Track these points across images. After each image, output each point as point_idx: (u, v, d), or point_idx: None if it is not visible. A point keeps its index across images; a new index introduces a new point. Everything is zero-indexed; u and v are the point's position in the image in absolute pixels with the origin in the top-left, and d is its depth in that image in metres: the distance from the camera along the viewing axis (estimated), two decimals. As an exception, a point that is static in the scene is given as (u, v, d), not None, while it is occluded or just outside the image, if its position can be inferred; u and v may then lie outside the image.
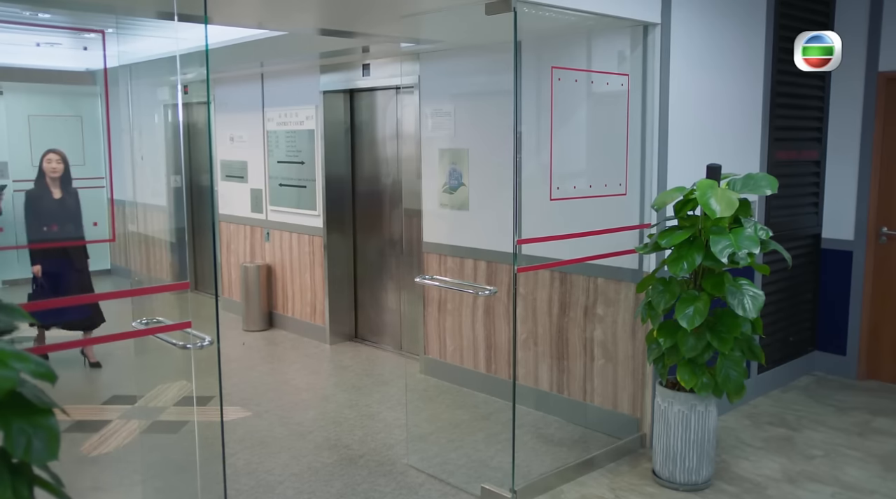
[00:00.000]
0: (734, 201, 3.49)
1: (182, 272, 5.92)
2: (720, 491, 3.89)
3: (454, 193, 5.36)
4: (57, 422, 1.81)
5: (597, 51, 4.43)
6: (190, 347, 2.65)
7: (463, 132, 5.24)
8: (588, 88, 4.23)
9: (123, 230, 5.12)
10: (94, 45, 3.24)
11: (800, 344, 5.64)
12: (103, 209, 4.01)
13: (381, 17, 4.32)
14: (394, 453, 4.37)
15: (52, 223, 4.74)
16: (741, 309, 3.55)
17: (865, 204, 5.43)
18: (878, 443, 4.49)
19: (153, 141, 6.66)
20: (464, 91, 5.27)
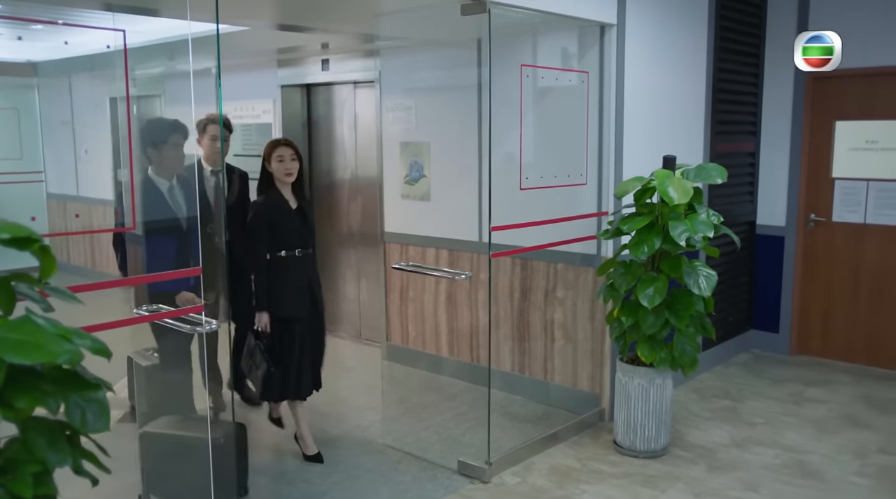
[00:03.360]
0: (689, 190, 3.80)
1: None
2: (676, 457, 4.22)
3: (415, 184, 5.55)
4: (106, 396, 1.95)
5: (559, 49, 4.69)
6: (199, 330, 2.78)
7: (424, 126, 5.43)
8: (552, 84, 4.48)
9: (64, 225, 5.11)
10: (32, 36, 3.32)
11: (738, 323, 6.06)
12: (42, 204, 4.06)
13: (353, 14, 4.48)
14: (369, 433, 4.55)
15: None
16: (697, 288, 3.88)
17: (796, 193, 5.87)
18: (812, 410, 4.92)
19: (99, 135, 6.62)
20: (424, 86, 5.46)
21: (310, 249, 4.08)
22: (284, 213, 3.98)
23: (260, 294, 3.93)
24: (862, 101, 5.59)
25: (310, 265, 4.09)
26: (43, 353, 1.76)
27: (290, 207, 4.01)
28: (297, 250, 3.99)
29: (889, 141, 5.49)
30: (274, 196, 3.99)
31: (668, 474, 4.01)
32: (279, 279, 3.95)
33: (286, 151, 3.97)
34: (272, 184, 4.01)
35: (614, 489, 3.85)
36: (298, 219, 4.02)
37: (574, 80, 4.49)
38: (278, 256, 3.96)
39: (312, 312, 4.07)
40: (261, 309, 3.93)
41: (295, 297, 3.98)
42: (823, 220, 5.82)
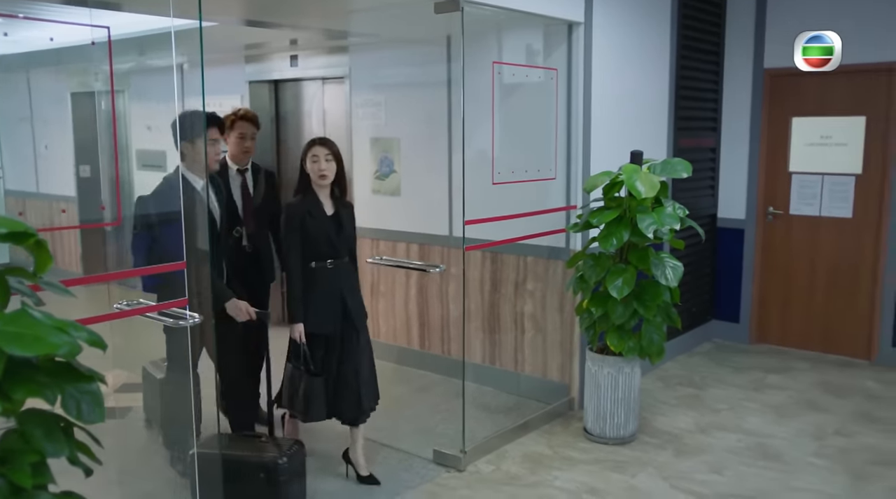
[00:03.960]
0: (656, 184, 3.93)
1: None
2: (645, 443, 4.36)
3: (386, 179, 5.61)
4: (99, 388, 1.99)
5: (529, 47, 4.79)
6: (182, 324, 2.81)
7: (394, 122, 5.49)
8: (522, 81, 4.58)
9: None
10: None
11: (700, 314, 6.24)
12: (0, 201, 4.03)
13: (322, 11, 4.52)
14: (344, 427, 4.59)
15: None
16: (664, 278, 4.01)
17: (755, 186, 6.07)
18: (772, 396, 5.10)
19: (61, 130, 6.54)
20: (394, 82, 5.52)
21: (345, 259, 3.72)
22: (317, 219, 3.60)
23: (292, 304, 3.60)
24: (817, 98, 5.80)
25: (344, 278, 3.71)
26: (42, 345, 1.79)
27: (324, 212, 3.63)
28: (329, 261, 3.63)
29: (842, 137, 5.71)
30: (309, 200, 3.63)
31: (637, 460, 4.14)
32: (307, 292, 3.62)
33: (321, 151, 3.60)
34: (309, 186, 3.65)
35: (586, 475, 3.97)
36: (333, 226, 3.65)
37: (543, 78, 4.59)
38: (309, 267, 3.63)
39: (346, 329, 3.70)
40: (294, 321, 3.60)
41: (323, 312, 3.63)
42: (781, 213, 6.02)
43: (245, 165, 4.27)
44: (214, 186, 3.68)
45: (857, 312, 5.79)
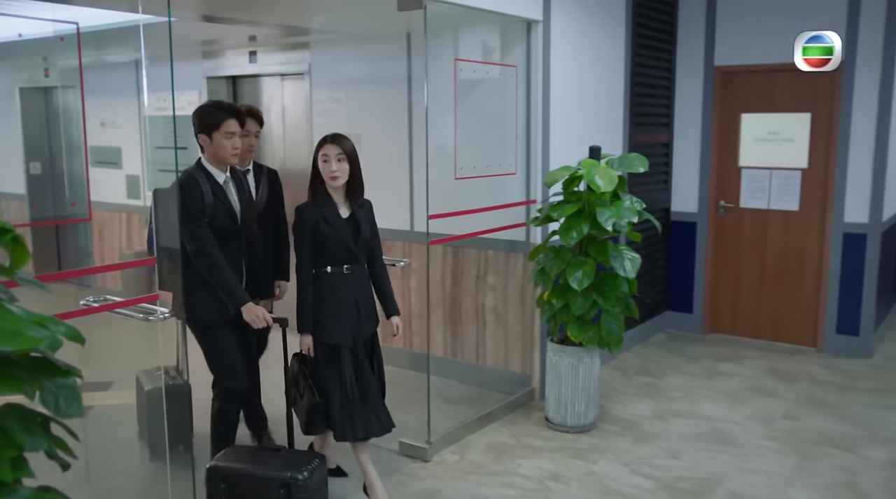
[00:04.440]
0: (614, 178, 4.05)
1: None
2: (605, 430, 4.49)
3: (347, 175, 5.64)
4: (76, 382, 2.00)
5: (489, 44, 4.87)
6: (153, 319, 2.82)
7: (355, 117, 5.52)
8: (483, 78, 4.65)
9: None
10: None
11: (655, 306, 6.41)
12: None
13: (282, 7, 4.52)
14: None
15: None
16: (623, 270, 4.13)
17: (706, 181, 6.25)
18: (724, 383, 5.29)
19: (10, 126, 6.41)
20: (354, 78, 5.55)
21: (360, 264, 3.48)
22: (332, 223, 3.35)
23: (302, 314, 3.38)
24: (764, 95, 6.00)
25: (360, 283, 3.48)
26: (22, 339, 1.80)
27: (338, 215, 3.38)
28: (346, 267, 3.40)
29: (788, 132, 5.92)
30: (322, 202, 3.37)
31: (598, 447, 4.26)
32: (321, 299, 3.39)
33: (332, 150, 3.33)
34: (322, 187, 3.40)
35: (548, 462, 4.07)
36: (349, 230, 3.39)
37: (503, 74, 4.67)
38: (323, 272, 3.39)
39: (360, 340, 3.48)
40: (303, 331, 3.39)
41: (339, 321, 3.41)
42: (732, 206, 6.22)
43: (247, 165, 4.02)
44: (236, 182, 3.55)
45: (804, 302, 6.02)
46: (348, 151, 3.37)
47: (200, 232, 3.32)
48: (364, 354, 3.50)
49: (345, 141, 3.40)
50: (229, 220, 3.43)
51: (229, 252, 3.43)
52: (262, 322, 3.36)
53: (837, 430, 4.48)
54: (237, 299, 3.35)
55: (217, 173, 3.43)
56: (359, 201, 3.47)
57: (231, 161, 3.46)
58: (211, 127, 3.39)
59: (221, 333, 3.49)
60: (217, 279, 3.33)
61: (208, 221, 3.35)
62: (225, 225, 3.42)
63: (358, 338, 3.45)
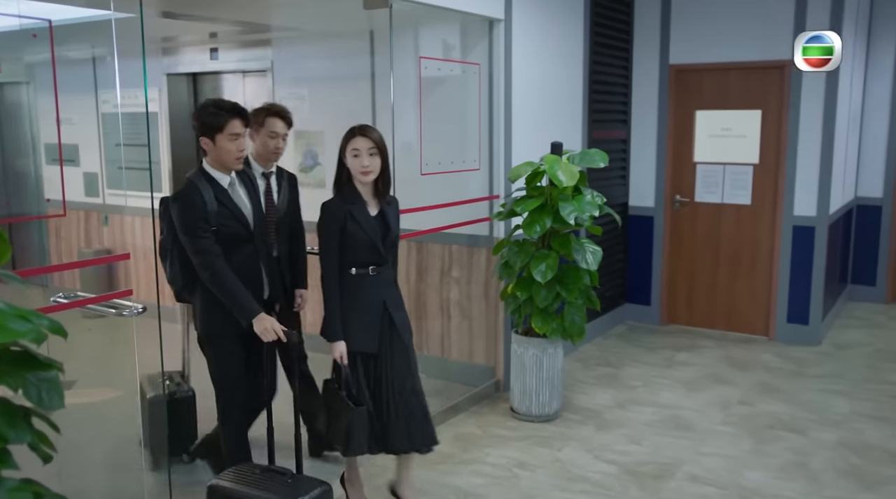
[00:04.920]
0: (576, 173, 4.16)
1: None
2: (568, 419, 4.61)
3: (310, 172, 5.67)
4: (58, 375, 2.03)
5: (452, 42, 4.94)
6: (127, 314, 2.84)
7: (318, 115, 5.55)
8: (447, 75, 4.73)
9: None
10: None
11: (614, 298, 6.57)
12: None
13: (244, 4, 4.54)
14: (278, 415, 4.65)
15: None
16: (585, 263, 4.25)
17: (663, 176, 6.43)
18: (681, 372, 5.46)
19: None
20: (318, 75, 5.58)
21: (387, 265, 3.23)
22: (360, 221, 3.12)
23: (331, 319, 3.13)
24: (717, 92, 6.19)
25: (388, 286, 3.25)
26: (7, 332, 1.83)
27: (367, 213, 3.15)
28: (372, 268, 3.16)
29: (740, 128, 6.12)
30: (350, 199, 3.14)
31: (562, 435, 4.38)
32: (345, 303, 3.16)
33: (363, 144, 3.07)
34: (349, 181, 3.16)
35: (515, 451, 4.17)
36: (378, 228, 3.16)
37: (466, 72, 4.76)
38: (347, 274, 3.15)
39: (392, 346, 3.21)
40: (333, 338, 3.13)
41: (366, 326, 3.16)
42: (688, 200, 6.41)
43: (271, 168, 3.77)
44: (245, 184, 3.30)
45: (756, 292, 6.23)
46: (380, 145, 3.11)
47: (203, 243, 3.07)
48: (400, 363, 3.23)
49: (375, 133, 3.13)
50: (239, 224, 3.18)
51: (242, 258, 3.21)
52: (273, 335, 3.05)
53: (789, 414, 4.66)
54: (247, 312, 3.07)
55: (221, 177, 3.17)
56: (387, 198, 3.23)
57: (235, 166, 3.18)
58: (213, 129, 3.09)
59: (228, 349, 3.25)
60: (224, 293, 3.08)
61: (216, 229, 3.10)
62: (235, 231, 3.17)
63: (389, 344, 3.19)
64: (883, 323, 6.69)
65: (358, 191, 3.15)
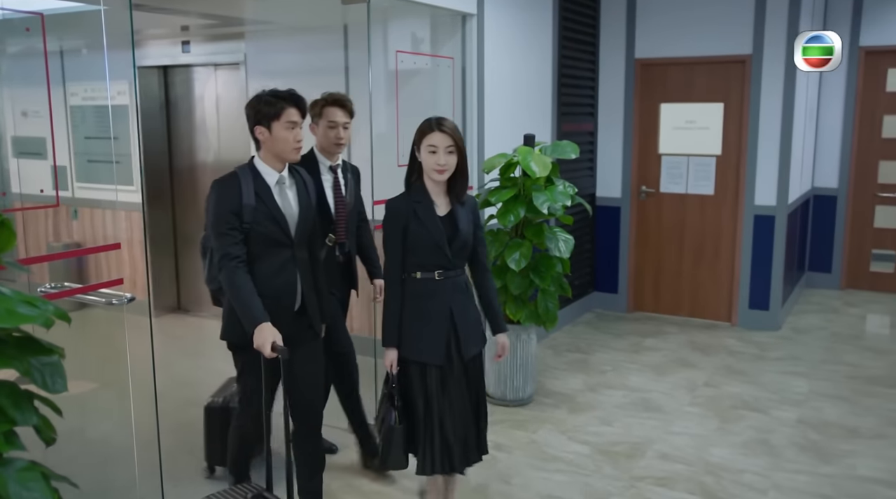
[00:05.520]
0: (548, 164, 4.29)
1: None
2: (542, 403, 4.75)
3: (285, 164, 5.72)
4: (60, 360, 2.10)
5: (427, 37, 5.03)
6: (116, 303, 2.89)
7: (292, 107, 5.60)
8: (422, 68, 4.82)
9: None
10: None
11: (582, 287, 6.73)
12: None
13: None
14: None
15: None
16: (557, 251, 4.39)
17: (629, 167, 6.60)
18: (649, 357, 5.64)
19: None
20: (292, 69, 5.62)
21: (457, 270, 2.98)
22: (425, 221, 2.90)
23: (387, 324, 2.96)
24: (681, 86, 6.38)
25: (455, 292, 2.97)
26: (17, 317, 1.89)
27: (434, 212, 2.92)
28: (438, 272, 2.93)
29: (703, 121, 6.32)
30: (417, 196, 2.93)
31: (537, 418, 4.52)
32: (408, 309, 2.95)
33: (442, 142, 2.84)
34: (420, 178, 2.96)
35: (491, 434, 4.23)
36: (445, 230, 2.93)
37: (440, 66, 4.85)
38: (411, 277, 2.95)
39: (453, 358, 2.97)
40: (387, 344, 2.96)
41: (429, 335, 2.94)
42: (653, 191, 6.59)
43: (337, 161, 3.66)
44: (298, 186, 3.04)
45: (719, 280, 6.45)
46: (459, 142, 2.88)
47: (225, 241, 2.85)
48: (460, 377, 2.99)
49: (454, 128, 2.90)
50: (276, 227, 2.91)
51: (277, 264, 2.95)
52: (268, 351, 2.78)
53: (752, 394, 4.87)
54: (251, 320, 2.82)
55: (268, 172, 2.95)
56: (461, 197, 2.99)
57: (293, 156, 2.96)
58: (270, 117, 2.91)
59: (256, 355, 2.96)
60: (235, 298, 2.86)
61: (248, 227, 2.87)
62: (270, 233, 2.91)
63: (453, 356, 2.96)
64: (838, 308, 6.96)
65: (426, 189, 2.94)
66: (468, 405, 3.02)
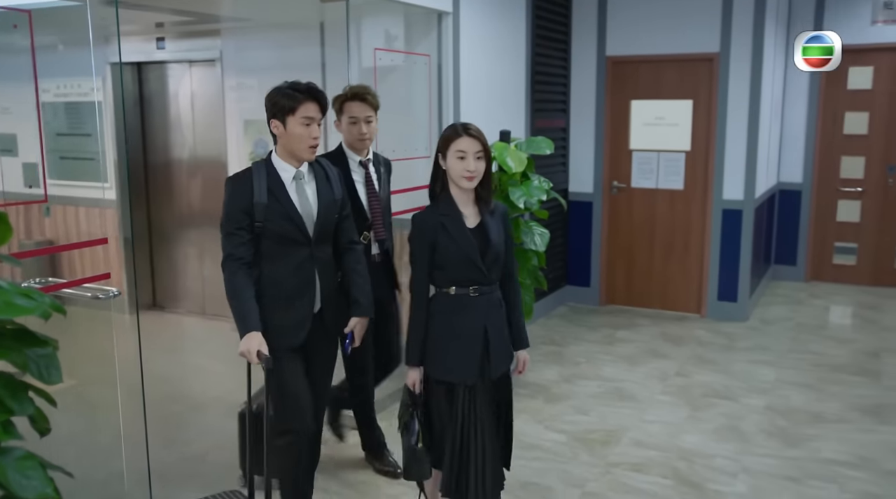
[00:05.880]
0: (524, 159, 4.39)
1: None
2: (518, 393, 4.72)
3: (261, 160, 5.75)
4: (54, 351, 2.14)
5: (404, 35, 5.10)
6: (102, 297, 2.92)
7: (269, 104, 5.63)
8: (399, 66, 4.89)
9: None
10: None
11: (556, 280, 6.85)
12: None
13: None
14: (239, 396, 4.74)
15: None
16: (534, 244, 4.50)
17: (601, 163, 6.73)
18: (622, 348, 5.77)
19: None
20: (268, 65, 5.65)
21: (492, 285, 2.82)
22: (454, 233, 2.74)
23: (411, 341, 2.83)
24: (651, 83, 6.52)
25: (490, 309, 2.81)
26: (16, 309, 1.94)
27: (463, 224, 2.76)
28: (472, 288, 2.76)
29: (673, 117, 6.46)
30: (444, 208, 2.78)
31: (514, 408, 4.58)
32: (439, 326, 2.80)
33: (471, 145, 2.71)
34: (445, 187, 2.80)
35: (470, 424, 4.39)
36: (476, 242, 2.75)
37: (417, 63, 4.92)
38: (444, 293, 2.80)
39: (484, 381, 2.81)
40: (410, 362, 2.82)
41: (459, 353, 2.77)
42: (624, 186, 6.73)
43: (367, 156, 3.58)
44: (319, 181, 2.92)
45: (689, 273, 6.60)
46: (487, 147, 2.76)
47: (231, 241, 2.78)
48: (489, 396, 2.85)
49: (481, 134, 2.78)
50: (289, 224, 2.81)
51: (294, 264, 2.84)
52: (253, 358, 2.71)
53: (721, 383, 5.02)
54: (243, 327, 2.74)
55: (284, 169, 2.84)
56: (490, 206, 2.84)
57: (307, 155, 2.84)
58: (285, 111, 2.80)
59: (285, 362, 2.88)
60: (231, 300, 2.77)
61: (261, 226, 2.77)
62: (285, 231, 2.81)
63: (485, 376, 2.81)
64: (803, 300, 7.16)
65: (453, 199, 2.78)
66: (495, 424, 2.88)
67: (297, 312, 2.87)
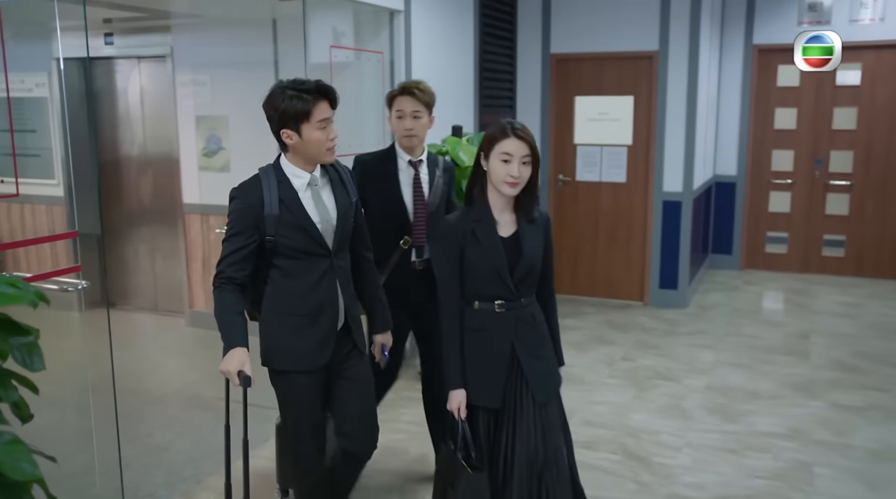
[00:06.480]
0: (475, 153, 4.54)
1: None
2: (473, 380, 5.02)
3: (214, 156, 5.78)
4: (36, 340, 2.21)
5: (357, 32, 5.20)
6: (71, 290, 2.97)
7: (221, 100, 5.67)
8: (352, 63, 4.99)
9: None
10: None
11: (505, 271, 7.04)
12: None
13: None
14: (193, 389, 4.81)
15: None
16: (486, 235, 4.65)
17: (546, 157, 6.95)
18: (569, 335, 6.00)
19: None
20: (220, 62, 5.69)
21: (521, 299, 2.54)
22: (485, 242, 2.49)
23: (448, 362, 2.54)
24: (594, 79, 6.77)
25: (520, 325, 2.54)
26: (4, 297, 2.00)
27: (495, 232, 2.51)
28: (498, 303, 2.52)
29: (615, 113, 6.72)
30: (477, 213, 2.53)
31: (469, 393, 4.78)
32: (465, 344, 2.54)
33: (518, 149, 2.45)
34: (483, 191, 2.55)
35: (428, 409, 4.54)
36: (507, 253, 2.50)
37: (371, 60, 5.04)
38: (471, 308, 2.55)
39: (516, 402, 2.53)
40: (451, 385, 2.52)
41: (486, 374, 2.52)
42: (569, 179, 6.96)
43: (418, 155, 3.33)
44: (334, 184, 2.67)
45: (632, 262, 6.88)
46: (535, 152, 2.50)
47: (231, 258, 2.52)
48: (534, 423, 2.53)
49: (532, 136, 2.50)
50: (304, 236, 2.54)
51: (314, 278, 2.58)
52: (234, 378, 2.42)
53: (664, 366, 5.28)
54: (225, 342, 2.47)
55: (297, 175, 2.58)
56: (531, 214, 2.58)
57: (328, 158, 2.59)
58: (298, 118, 2.48)
59: (297, 386, 2.67)
60: (215, 313, 2.51)
61: (272, 240, 2.51)
62: (300, 245, 2.55)
63: (523, 399, 2.53)
64: (738, 287, 7.53)
65: (489, 204, 2.53)
66: (540, 462, 2.50)
67: (319, 329, 2.60)
